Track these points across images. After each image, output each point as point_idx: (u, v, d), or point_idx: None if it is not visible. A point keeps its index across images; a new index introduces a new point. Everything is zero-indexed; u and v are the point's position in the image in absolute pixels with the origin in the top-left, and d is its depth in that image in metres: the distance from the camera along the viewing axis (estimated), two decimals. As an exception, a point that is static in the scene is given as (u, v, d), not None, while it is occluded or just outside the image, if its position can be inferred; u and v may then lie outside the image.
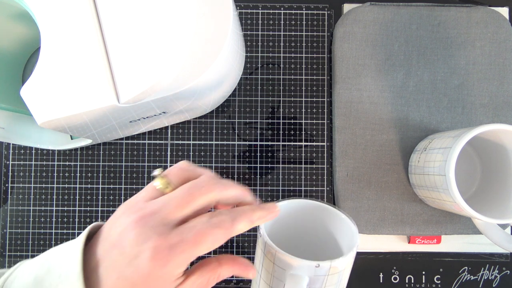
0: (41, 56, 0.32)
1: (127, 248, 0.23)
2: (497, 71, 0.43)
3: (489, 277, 0.43)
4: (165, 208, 0.24)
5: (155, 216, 0.24)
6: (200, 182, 0.26)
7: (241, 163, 0.44)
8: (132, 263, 0.22)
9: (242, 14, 0.45)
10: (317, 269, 0.29)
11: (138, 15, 0.32)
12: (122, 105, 0.32)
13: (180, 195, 0.25)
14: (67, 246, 0.25)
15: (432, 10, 0.43)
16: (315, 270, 0.29)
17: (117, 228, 0.24)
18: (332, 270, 0.29)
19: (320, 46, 0.45)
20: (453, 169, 0.33)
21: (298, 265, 0.29)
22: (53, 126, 0.33)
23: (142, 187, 0.44)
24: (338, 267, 0.29)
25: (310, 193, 0.44)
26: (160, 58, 0.31)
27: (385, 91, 0.43)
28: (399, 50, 0.43)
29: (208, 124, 0.45)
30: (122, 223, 0.24)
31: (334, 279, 0.30)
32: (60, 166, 0.44)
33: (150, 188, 0.26)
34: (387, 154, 0.43)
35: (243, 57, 0.43)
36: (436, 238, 0.43)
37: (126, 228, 0.24)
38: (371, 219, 0.42)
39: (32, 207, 0.44)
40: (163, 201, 0.25)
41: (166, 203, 0.24)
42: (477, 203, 0.35)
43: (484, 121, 0.43)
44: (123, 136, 0.43)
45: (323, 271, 0.29)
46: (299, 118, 0.45)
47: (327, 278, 0.29)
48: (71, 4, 0.32)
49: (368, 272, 0.44)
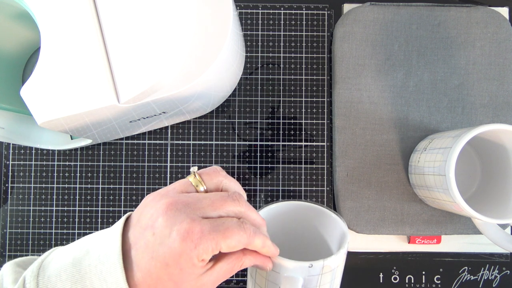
0: (41, 56, 0.32)
1: (158, 228, 0.24)
2: (497, 71, 0.43)
3: (489, 277, 0.43)
4: (198, 203, 0.25)
5: (188, 205, 0.25)
6: (234, 194, 0.27)
7: (241, 163, 0.44)
8: (164, 243, 0.23)
9: (242, 14, 0.45)
10: (311, 269, 0.29)
11: (138, 15, 0.32)
12: (122, 105, 0.32)
13: (214, 198, 0.26)
14: (104, 232, 0.26)
15: (432, 10, 0.43)
16: (308, 271, 0.29)
17: (148, 212, 0.25)
18: (326, 268, 0.29)
19: (320, 46, 0.45)
20: (453, 169, 0.33)
21: (292, 267, 0.29)
22: (53, 126, 0.33)
23: (142, 187, 0.44)
24: (331, 265, 0.30)
25: (310, 193, 0.44)
26: (160, 58, 0.31)
27: (385, 91, 0.43)
28: (399, 50, 0.43)
29: (208, 124, 0.45)
30: (154, 207, 0.25)
31: (327, 277, 0.30)
32: (60, 166, 0.44)
33: (184, 181, 0.27)
34: (387, 154, 0.43)
35: (243, 57, 0.43)
36: (436, 238, 0.43)
37: (158, 210, 0.24)
38: (371, 219, 0.42)
39: (32, 207, 0.44)
40: (197, 197, 0.26)
41: (200, 199, 0.25)
42: (477, 203, 0.35)
43: (484, 121, 0.43)
44: (123, 136, 0.43)
45: (317, 270, 0.29)
46: (299, 118, 0.45)
47: (321, 277, 0.30)
48: (71, 4, 0.32)
49: (368, 272, 0.44)
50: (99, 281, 0.23)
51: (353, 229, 0.43)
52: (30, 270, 0.25)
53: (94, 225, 0.44)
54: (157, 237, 0.24)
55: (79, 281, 0.23)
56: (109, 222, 0.44)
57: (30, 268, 0.25)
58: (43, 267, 0.25)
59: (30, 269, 0.25)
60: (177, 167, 0.44)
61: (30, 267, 0.25)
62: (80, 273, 0.24)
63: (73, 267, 0.24)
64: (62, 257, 0.25)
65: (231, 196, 0.26)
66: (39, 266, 0.25)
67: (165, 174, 0.44)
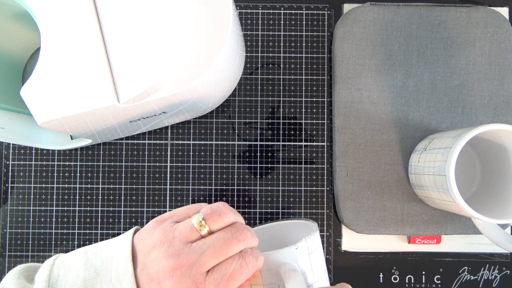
0: (41, 56, 0.32)
1: None
2: (497, 71, 0.43)
3: (489, 277, 0.43)
4: (202, 258, 0.26)
5: (193, 267, 0.25)
6: (235, 233, 0.27)
7: (241, 163, 0.44)
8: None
9: (242, 14, 0.45)
10: (298, 251, 0.29)
11: (138, 15, 0.32)
12: (122, 105, 0.32)
13: (218, 245, 0.26)
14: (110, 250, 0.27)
15: (432, 10, 0.43)
16: (297, 253, 0.29)
17: (154, 263, 0.26)
18: (311, 247, 0.30)
19: (320, 46, 0.45)
20: (453, 169, 0.33)
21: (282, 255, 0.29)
22: (53, 126, 0.33)
23: (142, 187, 0.44)
24: (314, 243, 0.30)
25: (310, 193, 0.44)
26: (160, 58, 0.31)
27: (385, 91, 0.43)
28: (399, 50, 0.43)
29: (208, 124, 0.45)
30: (160, 261, 0.26)
31: (317, 257, 0.31)
32: (60, 166, 0.44)
33: (189, 227, 0.27)
34: (387, 154, 0.43)
35: (243, 57, 0.43)
36: (436, 238, 0.43)
37: (164, 271, 0.25)
38: (371, 219, 0.42)
39: (32, 207, 0.44)
40: (201, 250, 0.26)
41: (203, 252, 0.26)
42: (477, 203, 0.35)
43: (484, 121, 0.43)
44: (123, 136, 0.43)
45: (304, 250, 0.29)
46: (299, 118, 0.45)
47: (310, 258, 0.30)
48: (71, 4, 0.32)
49: (368, 272, 0.44)
50: None
51: (353, 229, 0.43)
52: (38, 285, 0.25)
53: (94, 225, 0.44)
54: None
55: None
56: (109, 222, 0.44)
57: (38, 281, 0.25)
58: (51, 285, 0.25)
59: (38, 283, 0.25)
60: (177, 167, 0.44)
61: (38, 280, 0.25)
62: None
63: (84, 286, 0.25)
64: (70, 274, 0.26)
65: (235, 237, 0.27)
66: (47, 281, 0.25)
67: (165, 174, 0.44)
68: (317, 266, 0.31)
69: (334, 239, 0.44)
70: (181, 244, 0.26)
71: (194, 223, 0.27)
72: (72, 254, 0.28)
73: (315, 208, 0.44)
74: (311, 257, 0.30)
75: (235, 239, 0.26)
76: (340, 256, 0.44)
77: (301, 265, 0.30)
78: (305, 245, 0.30)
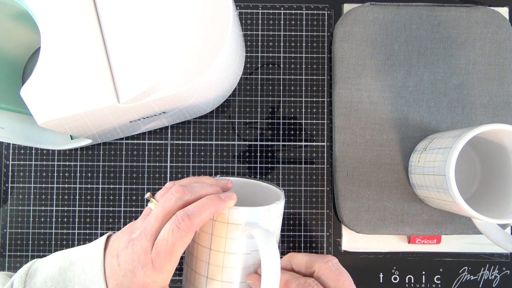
0: (41, 56, 0.32)
1: (122, 262, 0.27)
2: (497, 71, 0.43)
3: (489, 277, 0.43)
4: (148, 225, 0.28)
5: (141, 236, 0.28)
6: (169, 195, 0.29)
7: (241, 163, 0.44)
8: (126, 275, 0.27)
9: (242, 14, 0.45)
10: (269, 213, 0.31)
11: (138, 15, 0.32)
12: (122, 105, 0.32)
13: (157, 210, 0.29)
14: (85, 247, 0.30)
15: (432, 10, 0.43)
16: (267, 215, 0.31)
17: (119, 243, 0.28)
18: (278, 212, 0.32)
19: (320, 46, 0.45)
20: (453, 169, 0.33)
21: (253, 213, 0.30)
22: (53, 126, 0.33)
23: (142, 187, 0.44)
24: (280, 209, 0.32)
25: (310, 193, 0.44)
26: (160, 58, 0.31)
27: (385, 91, 0.43)
28: (399, 50, 0.43)
29: (208, 124, 0.45)
30: (122, 240, 0.29)
31: (278, 223, 0.33)
32: (60, 166, 0.44)
33: (146, 209, 0.32)
34: (387, 154, 0.43)
35: (243, 57, 0.43)
36: (436, 238, 0.43)
37: (122, 246, 0.28)
38: (371, 219, 0.42)
39: (32, 207, 0.44)
40: (147, 219, 0.29)
41: (148, 220, 0.29)
42: (477, 203, 0.35)
43: (484, 121, 0.43)
44: (123, 136, 0.43)
45: (273, 213, 0.31)
46: (299, 118, 0.45)
47: (275, 222, 0.32)
48: (71, 4, 0.32)
49: (368, 272, 0.44)
50: None
51: (353, 229, 0.43)
52: (17, 275, 0.28)
53: (94, 225, 0.44)
54: (121, 269, 0.27)
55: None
56: (109, 222, 0.44)
57: (17, 273, 0.28)
58: (30, 274, 0.28)
59: (17, 274, 0.28)
60: (177, 167, 0.44)
61: (18, 273, 0.28)
62: (64, 281, 0.27)
63: (59, 275, 0.27)
64: (48, 267, 0.28)
65: (166, 198, 0.29)
66: (26, 273, 0.28)
67: (165, 174, 0.44)
68: (277, 232, 0.33)
69: (334, 239, 0.44)
70: (138, 222, 0.30)
71: (150, 204, 0.31)
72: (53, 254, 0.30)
73: (315, 208, 0.44)
74: (275, 222, 0.32)
75: (168, 201, 0.29)
76: (340, 256, 0.44)
77: (267, 226, 0.31)
78: (275, 208, 0.31)
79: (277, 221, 0.32)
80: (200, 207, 0.28)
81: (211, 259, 0.31)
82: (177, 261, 0.28)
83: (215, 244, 0.31)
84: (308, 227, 0.44)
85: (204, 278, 0.31)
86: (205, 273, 0.32)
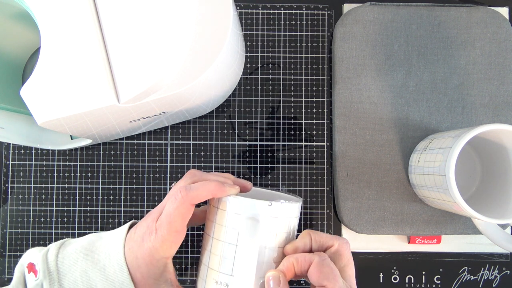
0: (41, 56, 0.32)
1: (138, 231, 0.31)
2: (497, 71, 0.43)
3: (489, 277, 0.43)
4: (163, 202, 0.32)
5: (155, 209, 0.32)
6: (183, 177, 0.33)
7: (241, 163, 0.44)
8: (137, 241, 0.31)
9: (242, 14, 0.45)
10: (270, 209, 0.30)
11: (138, 15, 0.32)
12: (122, 105, 0.32)
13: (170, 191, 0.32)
14: (114, 230, 0.34)
15: (432, 10, 0.43)
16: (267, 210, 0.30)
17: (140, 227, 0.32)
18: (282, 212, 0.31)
19: (320, 46, 0.45)
20: (453, 169, 0.33)
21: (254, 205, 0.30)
22: (53, 126, 0.33)
23: (142, 187, 0.44)
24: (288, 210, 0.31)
25: (310, 193, 0.44)
26: (160, 58, 0.31)
27: (385, 91, 0.43)
28: (399, 50, 0.43)
29: (208, 124, 0.45)
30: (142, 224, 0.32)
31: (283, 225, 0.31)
32: (60, 166, 0.44)
33: None
34: (387, 154, 0.43)
35: (243, 57, 0.43)
36: (436, 238, 0.43)
37: (143, 219, 0.32)
38: (371, 219, 0.42)
39: (32, 207, 0.44)
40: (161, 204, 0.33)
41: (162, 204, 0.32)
42: (477, 203, 0.35)
43: (484, 121, 0.43)
44: (123, 136, 0.43)
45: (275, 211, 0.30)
46: (299, 118, 0.45)
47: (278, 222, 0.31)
48: (71, 4, 0.32)
49: (368, 272, 0.44)
50: (104, 255, 0.31)
51: (353, 229, 0.43)
52: (53, 244, 0.33)
53: (94, 225, 0.44)
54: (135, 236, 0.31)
55: (89, 254, 0.31)
56: (109, 222, 0.44)
57: (53, 243, 0.33)
58: (64, 245, 0.32)
59: (53, 244, 0.33)
60: (177, 167, 0.44)
61: (53, 243, 0.33)
62: (92, 249, 0.32)
63: (88, 244, 0.32)
64: (79, 240, 0.33)
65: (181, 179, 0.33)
66: (61, 243, 0.33)
67: (165, 174, 0.44)
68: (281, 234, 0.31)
69: (334, 239, 0.44)
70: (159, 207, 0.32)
71: None
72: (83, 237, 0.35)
73: (315, 208, 0.44)
74: (279, 222, 0.31)
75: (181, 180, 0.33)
76: (340, 256, 0.44)
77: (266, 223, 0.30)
78: (278, 207, 0.30)
79: (280, 222, 0.31)
80: (200, 184, 0.31)
81: (212, 248, 0.31)
82: (177, 233, 0.30)
83: (217, 232, 0.31)
84: (308, 227, 0.44)
85: (205, 267, 0.32)
86: (206, 262, 0.32)
